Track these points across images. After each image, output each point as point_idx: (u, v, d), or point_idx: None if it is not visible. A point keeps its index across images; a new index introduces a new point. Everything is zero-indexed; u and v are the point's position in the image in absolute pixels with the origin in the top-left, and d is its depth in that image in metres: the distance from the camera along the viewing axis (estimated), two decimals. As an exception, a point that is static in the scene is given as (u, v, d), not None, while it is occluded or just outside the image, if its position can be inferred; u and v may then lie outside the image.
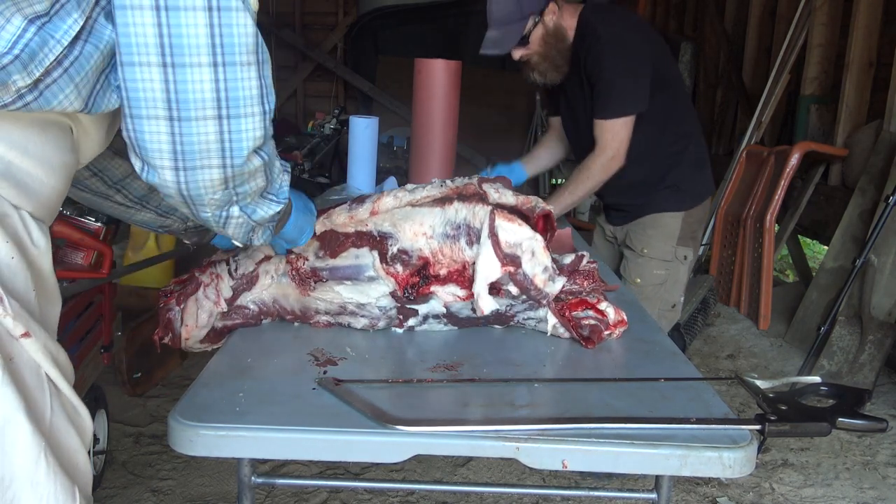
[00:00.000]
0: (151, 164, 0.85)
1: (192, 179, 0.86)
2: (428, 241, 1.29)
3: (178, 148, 0.83)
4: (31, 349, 0.81)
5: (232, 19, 0.80)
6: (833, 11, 4.26)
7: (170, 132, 0.82)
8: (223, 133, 0.84)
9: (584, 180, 2.20)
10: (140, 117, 0.81)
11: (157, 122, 0.81)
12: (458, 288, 1.29)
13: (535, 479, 2.45)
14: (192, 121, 0.81)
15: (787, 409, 1.03)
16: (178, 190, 0.87)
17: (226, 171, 0.87)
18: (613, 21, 2.18)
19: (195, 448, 0.96)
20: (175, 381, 3.13)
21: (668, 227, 2.37)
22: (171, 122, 0.81)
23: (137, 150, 0.84)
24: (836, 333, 3.28)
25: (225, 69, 0.81)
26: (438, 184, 1.37)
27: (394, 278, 1.28)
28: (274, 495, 2.35)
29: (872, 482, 2.57)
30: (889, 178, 3.37)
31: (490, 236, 1.23)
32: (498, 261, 1.22)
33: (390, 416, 0.99)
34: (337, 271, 1.30)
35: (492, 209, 1.25)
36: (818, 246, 5.52)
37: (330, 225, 1.35)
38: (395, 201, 1.34)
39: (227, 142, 0.84)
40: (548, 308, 1.30)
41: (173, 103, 0.80)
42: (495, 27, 2.14)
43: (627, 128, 2.15)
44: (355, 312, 1.32)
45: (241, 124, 0.84)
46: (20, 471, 0.78)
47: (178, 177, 0.85)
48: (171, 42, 0.78)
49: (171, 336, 1.30)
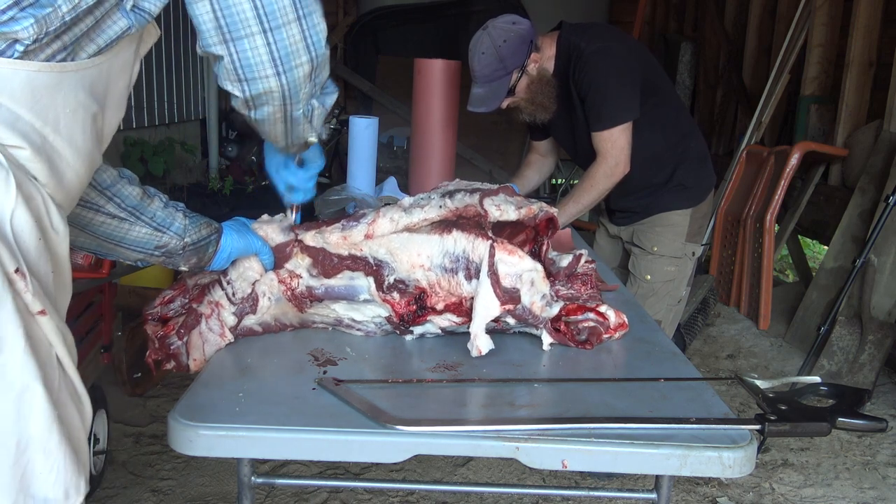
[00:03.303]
0: (257, 77, 0.98)
1: (291, 79, 0.99)
2: (426, 273, 1.27)
3: (275, 55, 0.96)
4: (46, 327, 0.84)
5: None
6: (833, 11, 4.26)
7: (265, 42, 0.95)
8: (304, 31, 0.97)
9: (588, 189, 2.21)
10: (240, 38, 0.94)
11: (253, 39, 0.94)
12: (455, 316, 1.28)
13: (535, 479, 2.45)
14: (281, 27, 0.94)
15: (787, 409, 1.03)
16: (282, 91, 1.00)
17: (312, 63, 1.00)
18: (593, 35, 2.21)
19: (195, 448, 0.96)
20: (175, 381, 3.13)
21: (678, 224, 2.38)
22: (265, 34, 0.94)
23: (241, 71, 0.97)
24: (836, 333, 3.28)
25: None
26: (437, 202, 1.31)
27: (390, 305, 1.27)
28: (274, 495, 2.35)
29: (872, 482, 2.57)
30: (889, 178, 3.37)
31: (490, 275, 1.21)
32: (497, 299, 1.20)
33: (390, 416, 0.99)
34: (332, 290, 1.30)
35: (491, 244, 1.23)
36: (818, 246, 5.52)
37: (322, 242, 1.31)
38: (392, 225, 1.29)
39: (309, 38, 0.98)
40: (544, 329, 1.29)
41: (263, 17, 0.93)
42: (480, 85, 2.19)
43: (626, 135, 2.16)
44: (352, 326, 1.32)
45: (314, 19, 0.97)
46: (35, 437, 0.81)
47: (281, 80, 0.99)
48: None
49: (175, 365, 1.29)
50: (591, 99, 2.16)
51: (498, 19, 2.19)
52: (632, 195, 2.39)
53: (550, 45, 2.23)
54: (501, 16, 2.22)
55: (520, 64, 2.16)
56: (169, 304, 1.33)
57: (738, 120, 5.34)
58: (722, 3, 5.65)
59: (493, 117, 6.67)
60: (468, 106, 2.25)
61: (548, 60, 2.23)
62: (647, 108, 2.21)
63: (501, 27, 2.15)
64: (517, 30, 2.15)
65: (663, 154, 2.33)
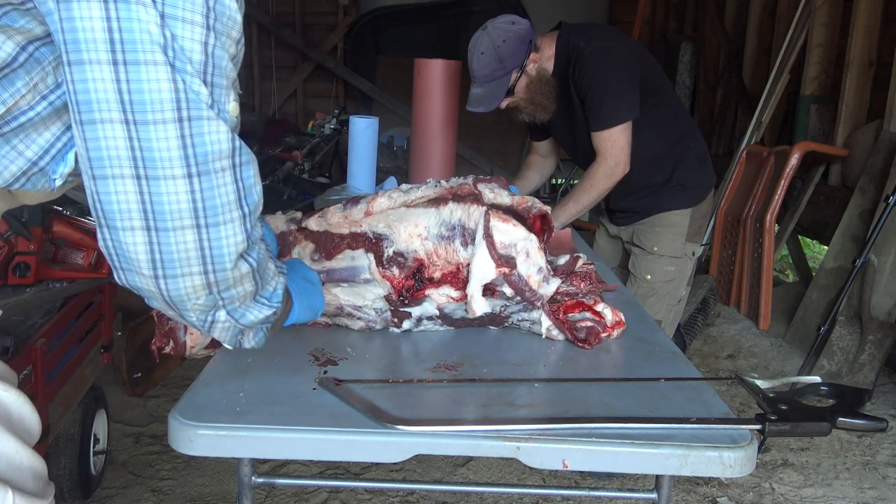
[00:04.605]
0: (130, 271, 0.84)
1: (173, 287, 0.85)
2: (423, 242, 1.28)
3: (156, 257, 0.82)
4: None
5: (203, 128, 0.79)
6: (833, 11, 4.26)
7: (147, 241, 0.81)
8: (202, 241, 0.83)
9: (588, 189, 2.21)
10: (116, 228, 0.81)
11: (133, 233, 0.81)
12: (452, 289, 1.28)
13: (535, 479, 2.45)
14: (169, 231, 0.81)
15: (787, 408, 1.03)
16: (160, 295, 0.86)
17: (208, 276, 0.85)
18: (592, 35, 2.21)
19: (195, 448, 0.96)
20: (175, 381, 3.13)
21: (678, 224, 2.39)
22: (149, 233, 0.81)
23: (115, 259, 0.84)
24: (836, 333, 3.28)
25: (200, 179, 0.80)
26: (433, 184, 1.36)
27: (389, 282, 1.28)
28: (274, 495, 2.35)
29: (872, 482, 2.57)
30: (889, 178, 3.37)
31: (485, 237, 1.22)
32: (493, 262, 1.22)
33: (390, 416, 0.99)
34: (334, 273, 1.30)
35: (486, 209, 1.25)
36: (818, 246, 5.52)
37: (325, 225, 1.34)
38: (390, 202, 1.33)
39: (206, 249, 0.83)
40: (542, 310, 1.30)
41: (149, 214, 0.80)
42: (479, 85, 2.19)
43: (625, 134, 2.17)
44: (352, 314, 1.32)
45: (221, 231, 0.83)
46: None
47: (159, 284, 0.84)
48: (143, 155, 0.77)
49: (173, 345, 1.29)
50: (591, 99, 2.16)
51: (497, 19, 2.20)
52: (631, 195, 2.39)
53: (550, 45, 2.23)
54: (501, 16, 2.22)
55: (519, 64, 2.16)
56: None
57: (738, 120, 5.35)
58: (722, 3, 5.65)
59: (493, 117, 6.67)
60: (467, 106, 2.25)
61: (547, 60, 2.23)
62: (647, 108, 2.21)
63: (501, 27, 2.16)
64: (516, 30, 2.15)
65: (663, 154, 2.34)
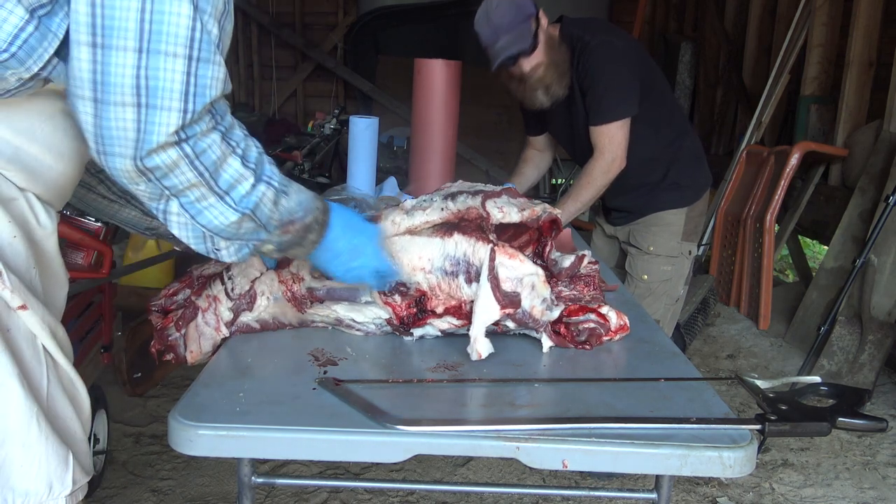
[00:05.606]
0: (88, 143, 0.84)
1: (111, 165, 0.84)
2: (426, 275, 1.27)
3: (97, 131, 0.81)
4: (29, 321, 0.84)
5: (165, 6, 0.78)
6: (833, 11, 4.26)
7: (93, 114, 0.80)
8: (139, 122, 0.81)
9: (586, 186, 2.21)
10: (73, 95, 0.81)
11: (83, 102, 0.80)
12: (455, 318, 1.28)
13: (535, 479, 2.45)
14: (110, 105, 0.80)
15: (787, 408, 1.03)
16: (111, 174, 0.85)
17: (136, 161, 0.83)
18: (596, 29, 2.21)
19: (195, 448, 0.96)
20: (175, 381, 3.13)
21: (673, 224, 2.39)
22: (95, 104, 0.80)
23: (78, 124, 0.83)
24: (836, 333, 3.28)
25: (148, 56, 0.79)
26: (439, 204, 1.31)
27: (391, 308, 1.28)
28: (274, 495, 2.35)
29: (872, 482, 2.57)
30: (889, 178, 3.37)
31: (490, 278, 1.21)
32: (497, 304, 1.20)
33: (390, 416, 0.99)
34: (334, 292, 1.30)
35: (492, 248, 1.23)
36: (818, 246, 5.52)
37: None
38: (393, 227, 1.29)
39: (141, 132, 0.81)
40: (544, 332, 1.29)
41: (98, 85, 0.79)
42: (503, 35, 2.10)
43: (624, 130, 2.17)
44: (352, 326, 1.32)
45: (156, 115, 0.81)
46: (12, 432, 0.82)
47: (102, 160, 0.84)
48: (102, 23, 0.77)
49: (174, 356, 1.30)
50: (594, 90, 2.15)
51: None
52: (627, 194, 2.39)
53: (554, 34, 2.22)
54: None
55: (534, 11, 2.11)
56: (173, 297, 1.35)
57: (738, 120, 5.34)
58: (722, 3, 5.65)
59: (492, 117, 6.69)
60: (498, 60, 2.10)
61: None
62: (643, 107, 2.21)
63: None
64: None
65: (657, 153, 2.34)
